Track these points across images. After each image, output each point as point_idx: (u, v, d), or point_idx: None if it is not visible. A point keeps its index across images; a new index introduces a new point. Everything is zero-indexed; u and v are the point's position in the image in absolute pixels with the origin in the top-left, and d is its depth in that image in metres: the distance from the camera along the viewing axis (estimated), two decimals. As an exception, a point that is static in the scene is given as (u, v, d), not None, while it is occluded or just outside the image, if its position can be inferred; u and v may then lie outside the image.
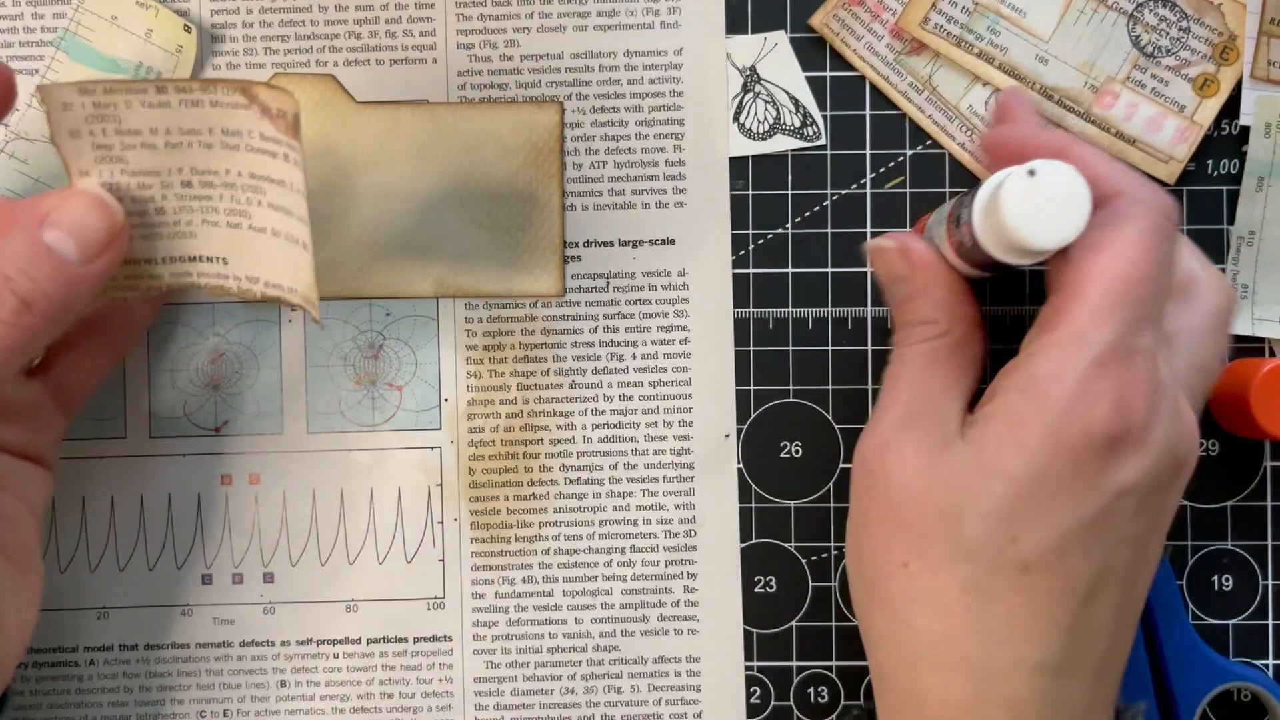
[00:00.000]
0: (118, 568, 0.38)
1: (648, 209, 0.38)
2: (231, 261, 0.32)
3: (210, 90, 0.29)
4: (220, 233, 0.31)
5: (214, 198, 0.31)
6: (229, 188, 0.31)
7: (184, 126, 0.30)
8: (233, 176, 0.30)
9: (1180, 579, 0.38)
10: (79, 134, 0.30)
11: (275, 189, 0.30)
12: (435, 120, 0.38)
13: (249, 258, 0.32)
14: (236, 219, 0.31)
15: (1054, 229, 0.30)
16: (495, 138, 0.38)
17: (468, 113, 0.38)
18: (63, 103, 0.30)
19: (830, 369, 0.39)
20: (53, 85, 0.29)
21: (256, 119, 0.29)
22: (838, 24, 0.38)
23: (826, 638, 0.39)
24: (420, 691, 0.38)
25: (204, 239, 0.32)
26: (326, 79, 0.37)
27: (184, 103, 0.30)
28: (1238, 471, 0.38)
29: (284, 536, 0.38)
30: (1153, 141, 0.38)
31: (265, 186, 0.30)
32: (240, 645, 0.38)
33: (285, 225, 0.30)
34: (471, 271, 0.38)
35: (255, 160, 0.30)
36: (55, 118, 0.30)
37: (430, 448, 0.38)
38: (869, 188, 0.39)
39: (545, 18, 0.38)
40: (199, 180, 0.31)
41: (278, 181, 0.30)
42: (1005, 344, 0.38)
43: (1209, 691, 0.37)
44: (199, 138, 0.30)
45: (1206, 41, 0.38)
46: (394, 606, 0.38)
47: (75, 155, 0.30)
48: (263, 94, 0.29)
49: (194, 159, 0.30)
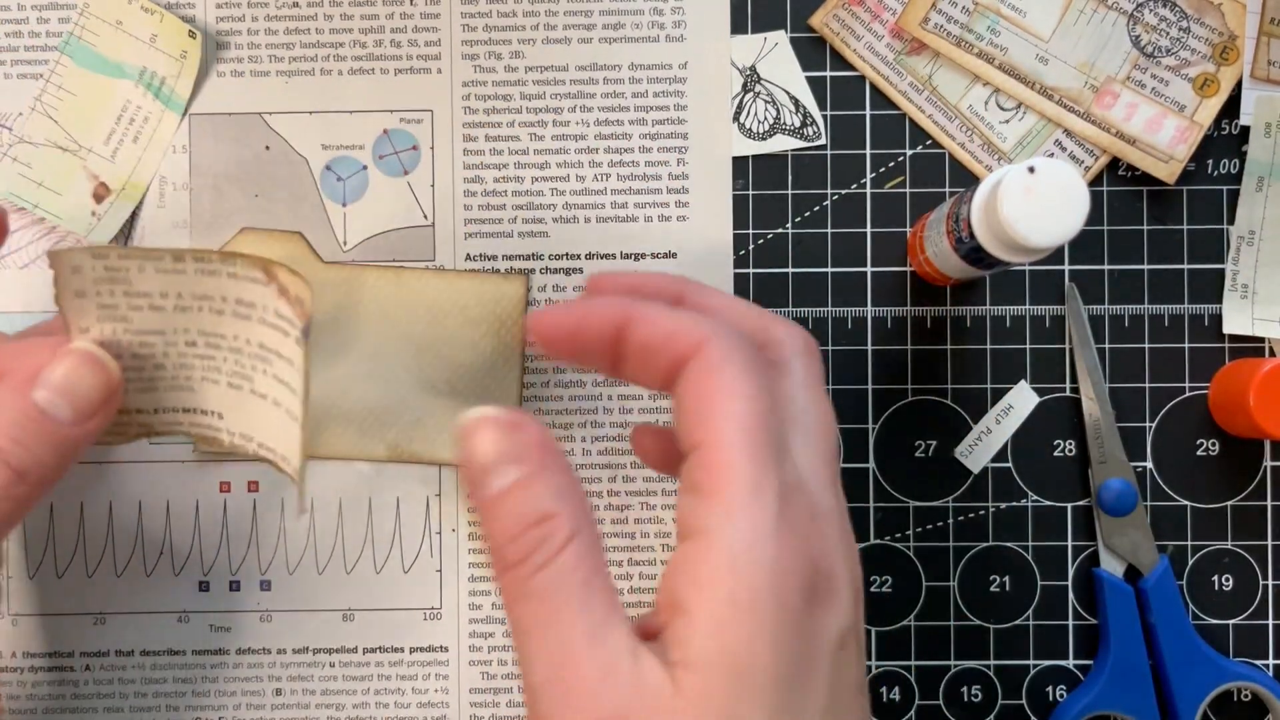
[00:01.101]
0: (115, 574, 0.38)
1: (650, 222, 0.38)
2: (227, 418, 0.31)
3: (230, 263, 0.29)
4: (219, 390, 0.31)
5: (217, 359, 0.30)
6: (235, 352, 0.30)
7: (196, 292, 0.30)
8: (240, 343, 0.30)
9: (1180, 579, 0.38)
10: (84, 294, 0.29)
11: (281, 364, 0.29)
12: (400, 285, 0.37)
13: (246, 418, 0.31)
14: (239, 381, 0.31)
15: (1052, 226, 0.30)
16: (460, 306, 0.37)
17: (433, 280, 0.37)
18: (72, 266, 0.29)
19: (830, 369, 0.38)
20: (64, 250, 0.29)
21: (273, 296, 0.29)
22: (838, 24, 0.38)
23: (827, 640, 0.39)
24: (416, 702, 0.38)
25: (202, 394, 0.31)
26: (294, 236, 0.37)
27: (200, 271, 0.29)
28: (1238, 471, 0.38)
29: (281, 545, 0.38)
30: (1153, 141, 0.38)
31: (272, 359, 0.30)
32: (236, 653, 0.38)
33: (286, 399, 0.30)
34: (426, 439, 0.37)
35: (266, 333, 0.29)
36: (63, 279, 0.29)
37: (428, 453, 0.38)
38: (869, 188, 0.39)
39: (550, 29, 0.38)
40: (204, 341, 0.30)
41: (286, 358, 0.29)
42: (1005, 344, 0.38)
43: (1209, 691, 0.37)
44: (210, 303, 0.30)
45: (1206, 41, 0.38)
46: (391, 616, 0.38)
47: (78, 314, 0.29)
48: (282, 275, 0.28)
49: (202, 322, 0.30)
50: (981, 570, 0.38)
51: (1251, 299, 0.38)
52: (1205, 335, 0.38)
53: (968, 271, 0.34)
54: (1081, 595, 0.38)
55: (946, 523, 0.38)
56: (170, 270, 0.29)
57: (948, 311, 0.38)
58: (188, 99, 0.38)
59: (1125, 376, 0.38)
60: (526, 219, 0.38)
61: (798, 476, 0.26)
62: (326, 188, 0.38)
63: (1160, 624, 0.37)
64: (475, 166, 0.38)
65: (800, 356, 0.29)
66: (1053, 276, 0.38)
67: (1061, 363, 0.38)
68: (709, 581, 0.24)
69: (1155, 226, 0.38)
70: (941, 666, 0.38)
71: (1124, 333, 0.38)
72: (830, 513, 0.27)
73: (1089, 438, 0.38)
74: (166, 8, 0.38)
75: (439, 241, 0.38)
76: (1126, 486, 0.38)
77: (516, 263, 0.38)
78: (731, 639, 0.24)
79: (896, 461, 0.38)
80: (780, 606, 0.24)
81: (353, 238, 0.38)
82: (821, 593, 0.25)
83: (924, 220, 0.37)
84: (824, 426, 0.28)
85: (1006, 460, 0.38)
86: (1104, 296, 0.38)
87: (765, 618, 0.24)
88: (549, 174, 0.38)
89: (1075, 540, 0.38)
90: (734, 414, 0.25)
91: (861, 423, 0.38)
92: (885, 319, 0.39)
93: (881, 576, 0.39)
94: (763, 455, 0.25)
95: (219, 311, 0.30)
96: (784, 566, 0.24)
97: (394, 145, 0.38)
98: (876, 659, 0.39)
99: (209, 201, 0.38)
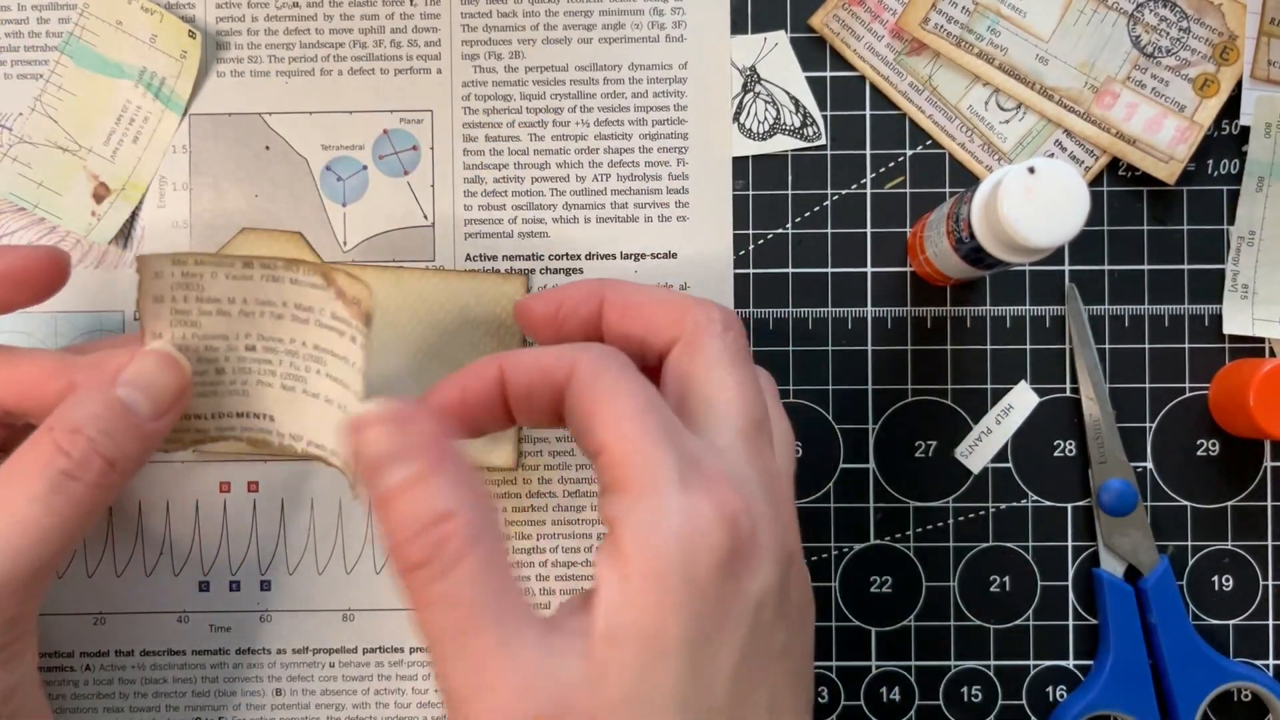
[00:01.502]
0: (115, 574, 0.38)
1: (650, 222, 0.38)
2: (278, 419, 0.33)
3: (293, 269, 0.31)
4: (272, 393, 0.33)
5: (273, 362, 0.32)
6: (290, 354, 0.32)
7: (260, 298, 0.31)
8: (296, 345, 0.32)
9: (1180, 579, 0.38)
10: (162, 299, 0.31)
11: (336, 363, 0.31)
12: (400, 285, 0.37)
13: (296, 418, 0.33)
14: (291, 383, 0.32)
15: (1052, 227, 0.30)
16: (460, 306, 0.37)
17: (433, 280, 0.37)
18: (155, 271, 0.31)
19: (830, 369, 0.38)
20: (151, 255, 0.31)
21: (331, 300, 0.31)
22: (838, 24, 0.38)
23: (827, 638, 0.39)
24: (415, 702, 0.38)
25: (255, 398, 0.33)
26: (294, 236, 0.37)
27: (265, 277, 0.31)
28: (1238, 471, 0.38)
29: (281, 545, 0.38)
30: (1153, 141, 0.38)
31: (327, 359, 0.31)
32: (236, 653, 0.38)
33: (339, 396, 0.31)
34: None
35: (322, 335, 0.31)
36: (145, 284, 0.31)
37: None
38: (869, 188, 0.38)
39: (550, 29, 0.38)
40: (262, 345, 0.32)
41: (340, 357, 0.31)
42: (1005, 344, 0.38)
43: (1209, 691, 0.37)
44: (271, 308, 0.32)
45: (1206, 41, 0.38)
46: (391, 616, 0.38)
47: (154, 319, 0.32)
48: (340, 279, 0.30)
49: (263, 326, 0.32)
50: (982, 570, 0.38)
51: (1251, 299, 0.38)
52: (1205, 335, 0.38)
53: (968, 271, 0.34)
54: (1081, 595, 0.38)
55: (947, 523, 0.38)
56: (239, 276, 0.31)
57: (948, 311, 0.38)
58: (188, 99, 0.38)
59: (1125, 377, 0.38)
60: (526, 219, 0.38)
61: (705, 449, 0.27)
62: (326, 188, 0.38)
63: (1160, 624, 0.37)
64: (475, 166, 0.38)
65: (714, 335, 0.29)
66: (1053, 276, 0.38)
67: (1061, 363, 0.38)
68: (620, 561, 0.25)
69: (1155, 227, 0.38)
70: (941, 666, 0.38)
71: (1124, 333, 0.38)
72: (748, 479, 0.27)
73: (1089, 438, 0.38)
74: (166, 8, 0.38)
75: (439, 241, 0.38)
76: (1126, 487, 0.38)
77: (516, 263, 0.38)
78: (639, 610, 0.25)
79: (896, 462, 0.38)
80: (686, 575, 0.25)
81: (353, 238, 0.38)
82: (738, 557, 0.25)
83: (924, 220, 0.37)
84: (741, 398, 0.28)
85: (1006, 460, 0.38)
86: (1104, 296, 0.38)
87: (671, 587, 0.25)
88: (549, 174, 0.38)
89: (1075, 540, 0.38)
90: (617, 412, 0.26)
91: (861, 423, 0.38)
92: (885, 319, 0.38)
93: (881, 576, 0.39)
94: (653, 438, 0.26)
95: (279, 316, 0.32)
96: (689, 536, 0.25)
97: (394, 145, 0.38)
98: (876, 659, 0.39)
99: (209, 201, 0.38)
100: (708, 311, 0.30)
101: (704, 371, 0.29)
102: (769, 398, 0.30)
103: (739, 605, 0.25)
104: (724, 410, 0.28)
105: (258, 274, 0.31)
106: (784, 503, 0.28)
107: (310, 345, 0.32)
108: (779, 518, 0.27)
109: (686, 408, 0.28)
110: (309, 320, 0.31)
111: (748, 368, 0.29)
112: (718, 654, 0.25)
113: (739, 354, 0.29)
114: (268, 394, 0.33)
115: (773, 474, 0.28)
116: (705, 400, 0.28)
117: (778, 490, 0.28)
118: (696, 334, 0.29)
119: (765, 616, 0.26)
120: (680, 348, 0.30)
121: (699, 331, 0.29)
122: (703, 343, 0.29)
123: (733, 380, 0.29)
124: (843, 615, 0.39)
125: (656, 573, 0.25)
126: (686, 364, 0.29)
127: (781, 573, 0.26)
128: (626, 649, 0.25)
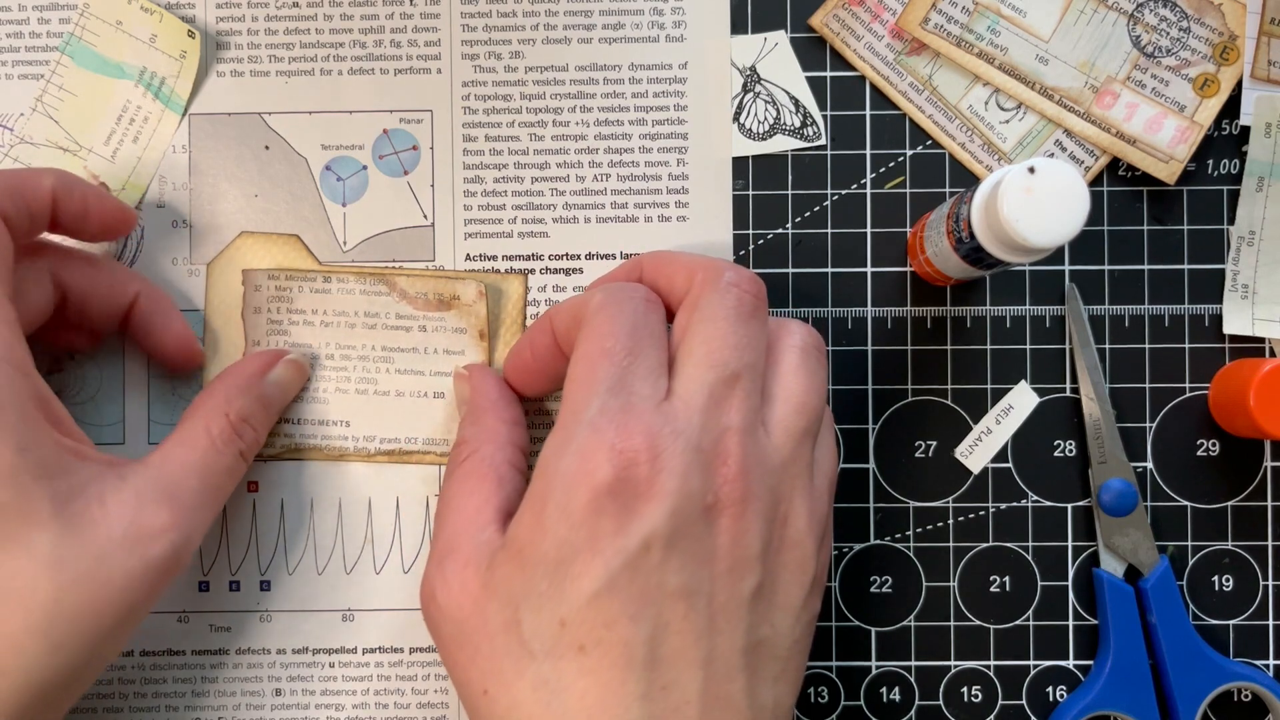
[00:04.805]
0: (112, 576, 0.38)
1: (650, 222, 0.38)
2: (353, 424, 0.37)
3: (361, 280, 0.37)
4: (347, 399, 0.37)
5: (348, 369, 0.37)
6: (362, 360, 0.37)
7: (335, 309, 0.37)
8: (366, 350, 0.37)
9: (1180, 579, 0.38)
10: (260, 310, 0.37)
11: (404, 356, 0.37)
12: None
13: (369, 420, 0.37)
14: (364, 386, 0.37)
15: (1052, 227, 0.30)
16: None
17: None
18: (255, 285, 0.37)
19: (831, 369, 0.38)
20: (254, 270, 0.37)
21: (394, 302, 0.37)
22: (838, 24, 0.38)
23: (827, 638, 0.39)
24: (415, 702, 0.38)
25: (333, 405, 0.37)
26: (291, 239, 0.38)
27: (340, 290, 0.37)
28: (1238, 471, 0.38)
29: (281, 545, 0.38)
30: (1153, 141, 0.38)
31: (394, 356, 0.37)
32: (236, 653, 0.38)
33: (413, 384, 0.37)
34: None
35: (387, 335, 0.37)
36: (248, 297, 0.37)
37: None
38: (869, 188, 0.38)
39: (550, 29, 0.38)
40: (339, 354, 0.37)
41: (408, 350, 0.37)
42: (1005, 344, 0.38)
43: (1209, 691, 0.37)
44: (345, 318, 0.37)
45: (1206, 41, 0.38)
46: (391, 617, 0.38)
47: (253, 328, 0.37)
48: (401, 282, 0.37)
49: (338, 335, 0.37)
50: (981, 570, 0.38)
51: (1252, 299, 0.38)
52: (1205, 335, 0.38)
53: (968, 271, 0.34)
54: (1081, 595, 0.38)
55: (946, 523, 0.38)
56: (320, 290, 0.37)
57: (948, 311, 0.38)
58: (187, 99, 0.38)
59: (1125, 376, 0.38)
60: (526, 219, 0.38)
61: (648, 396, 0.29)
62: (326, 188, 0.38)
63: (1160, 624, 0.37)
64: (475, 166, 0.38)
65: (714, 291, 0.31)
66: (1053, 276, 0.38)
67: (1061, 363, 0.38)
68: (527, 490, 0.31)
69: (1155, 227, 0.38)
70: (941, 667, 0.38)
71: (1124, 333, 0.38)
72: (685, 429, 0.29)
73: (1089, 438, 0.38)
74: (166, 8, 0.38)
75: (439, 241, 0.38)
76: (1127, 486, 0.38)
77: (516, 263, 0.38)
78: (520, 526, 0.30)
79: (896, 461, 0.38)
80: (562, 503, 0.29)
81: (353, 238, 0.38)
82: (622, 495, 0.28)
83: (924, 220, 0.37)
84: (717, 351, 0.30)
85: (1006, 460, 0.38)
86: (1104, 296, 0.38)
87: (546, 511, 0.29)
88: (549, 174, 0.38)
89: (1075, 540, 0.38)
90: (580, 354, 0.31)
91: (861, 423, 0.38)
92: (885, 319, 0.38)
93: (881, 576, 0.39)
94: (591, 379, 0.30)
95: (351, 325, 0.37)
96: (574, 470, 0.29)
97: (394, 145, 0.38)
98: (876, 659, 0.39)
99: (209, 201, 0.38)
100: (717, 269, 0.32)
101: (694, 325, 0.31)
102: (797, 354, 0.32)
103: (617, 541, 0.28)
104: (697, 361, 0.30)
105: (334, 286, 0.37)
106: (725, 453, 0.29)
107: (379, 348, 0.37)
108: (708, 469, 0.29)
109: (675, 357, 0.31)
110: (376, 325, 0.37)
111: (741, 323, 0.31)
112: (580, 579, 0.28)
113: (734, 311, 0.31)
114: (344, 400, 0.37)
115: (727, 424, 0.30)
116: (687, 351, 0.31)
117: (725, 442, 0.29)
118: (699, 290, 0.31)
119: (651, 558, 0.28)
120: (686, 302, 0.32)
121: (701, 288, 0.31)
122: (701, 298, 0.31)
123: (715, 332, 0.31)
124: (843, 615, 0.39)
125: (539, 496, 0.29)
126: (684, 317, 0.31)
127: (685, 521, 0.29)
128: (509, 552, 0.30)
